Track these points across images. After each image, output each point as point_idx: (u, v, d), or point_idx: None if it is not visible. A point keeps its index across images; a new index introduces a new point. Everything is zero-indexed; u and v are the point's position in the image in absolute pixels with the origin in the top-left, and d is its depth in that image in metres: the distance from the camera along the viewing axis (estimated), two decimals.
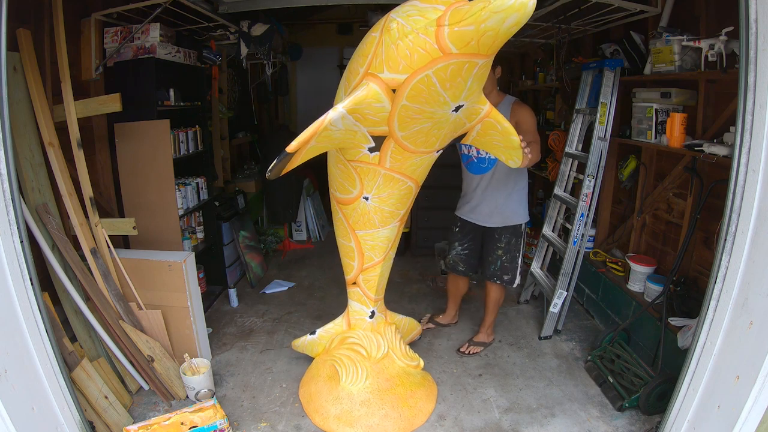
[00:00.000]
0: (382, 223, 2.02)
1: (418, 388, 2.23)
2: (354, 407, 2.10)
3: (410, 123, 1.61)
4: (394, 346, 2.30)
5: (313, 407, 2.16)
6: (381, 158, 1.79)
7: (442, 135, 1.73)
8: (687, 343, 2.00)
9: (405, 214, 2.10)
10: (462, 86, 1.47)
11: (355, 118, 1.59)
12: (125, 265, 2.32)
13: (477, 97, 1.62)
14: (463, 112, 1.63)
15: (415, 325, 2.66)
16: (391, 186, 1.90)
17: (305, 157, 1.66)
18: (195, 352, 2.44)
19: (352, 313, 2.33)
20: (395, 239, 2.15)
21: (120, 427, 1.98)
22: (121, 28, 2.57)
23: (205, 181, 3.20)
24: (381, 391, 2.15)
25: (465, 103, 1.57)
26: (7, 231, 1.53)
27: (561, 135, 3.54)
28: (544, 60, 4.00)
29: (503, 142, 1.86)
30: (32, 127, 2.04)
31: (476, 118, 1.74)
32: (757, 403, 1.41)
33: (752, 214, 1.46)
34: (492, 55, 1.41)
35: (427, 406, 2.20)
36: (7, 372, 1.46)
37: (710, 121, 2.23)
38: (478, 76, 1.46)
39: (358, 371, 2.18)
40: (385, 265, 2.18)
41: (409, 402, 2.16)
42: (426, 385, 2.29)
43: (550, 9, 2.51)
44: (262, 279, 3.73)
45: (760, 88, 1.42)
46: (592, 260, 3.14)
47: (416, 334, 2.72)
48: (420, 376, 2.31)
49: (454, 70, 1.39)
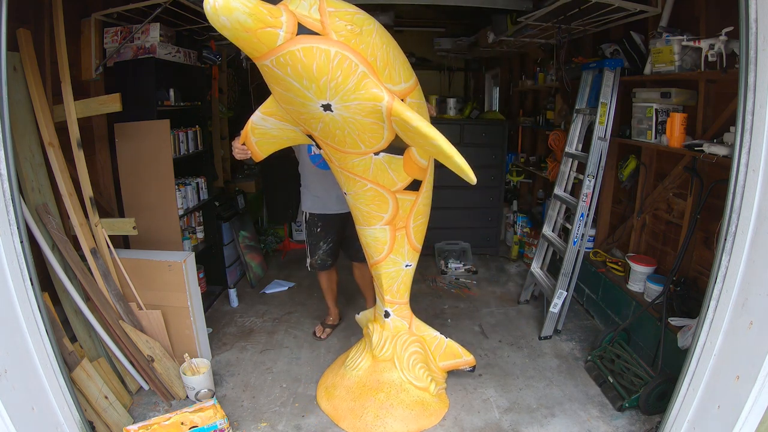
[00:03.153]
0: (366, 221, 2.01)
1: (403, 407, 2.08)
2: (339, 386, 2.22)
3: (304, 121, 1.58)
4: (401, 356, 2.17)
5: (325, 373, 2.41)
6: (325, 156, 1.87)
7: (354, 136, 1.56)
8: (687, 343, 2.00)
9: (395, 219, 1.97)
10: (292, 84, 1.33)
11: (277, 118, 1.74)
12: (125, 265, 2.31)
13: (350, 96, 1.39)
14: (345, 111, 1.44)
15: (455, 351, 2.32)
16: (353, 186, 1.88)
17: (268, 150, 1.95)
18: (195, 352, 2.44)
19: (377, 305, 2.30)
20: (393, 244, 2.04)
21: (120, 427, 1.98)
22: (121, 28, 2.57)
23: (205, 181, 3.20)
24: (364, 387, 2.15)
25: (332, 102, 1.39)
26: (7, 231, 1.53)
27: (561, 135, 3.54)
28: (544, 60, 4.00)
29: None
30: (32, 127, 2.04)
31: (381, 118, 1.48)
32: (757, 403, 1.41)
33: (752, 214, 1.46)
34: (261, 58, 1.25)
35: (397, 427, 2.05)
36: (7, 372, 1.46)
37: (710, 121, 2.23)
38: (296, 74, 1.29)
39: (361, 358, 2.23)
40: (388, 267, 2.11)
41: (380, 413, 2.06)
42: (416, 411, 2.09)
43: (550, 9, 2.51)
44: (262, 279, 3.73)
45: (760, 88, 1.42)
46: (592, 260, 3.14)
47: (462, 363, 2.34)
48: (417, 399, 2.12)
49: (281, 63, 1.26)
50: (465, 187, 2.60)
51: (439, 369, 2.28)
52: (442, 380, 2.29)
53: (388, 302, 2.19)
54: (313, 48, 1.24)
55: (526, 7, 2.81)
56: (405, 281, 2.19)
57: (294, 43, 1.22)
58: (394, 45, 1.50)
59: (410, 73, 1.61)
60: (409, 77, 1.58)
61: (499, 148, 3.97)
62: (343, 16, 1.30)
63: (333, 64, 1.28)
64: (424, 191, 1.98)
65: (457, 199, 4.00)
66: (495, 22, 3.46)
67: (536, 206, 4.39)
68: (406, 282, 2.19)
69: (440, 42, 5.20)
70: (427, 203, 2.06)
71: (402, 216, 1.99)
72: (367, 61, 1.33)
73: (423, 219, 2.08)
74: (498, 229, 4.24)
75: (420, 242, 2.15)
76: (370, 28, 1.36)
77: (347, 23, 1.30)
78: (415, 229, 2.07)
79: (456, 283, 3.67)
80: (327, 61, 1.26)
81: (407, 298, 2.24)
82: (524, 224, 4.11)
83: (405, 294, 2.22)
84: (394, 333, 2.21)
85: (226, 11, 1.07)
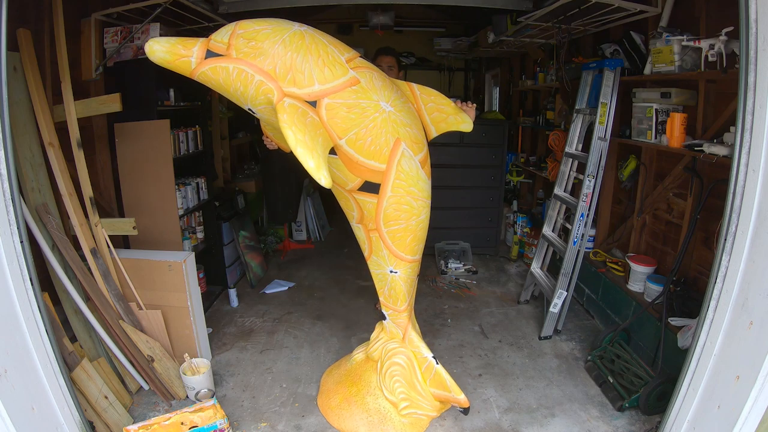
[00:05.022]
0: (348, 217, 2.02)
1: (364, 408, 2.06)
2: (333, 371, 2.38)
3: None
4: (384, 362, 2.11)
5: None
6: None
7: (280, 136, 1.74)
8: (687, 343, 2.00)
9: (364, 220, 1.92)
10: (223, 93, 1.63)
11: None
12: (125, 265, 2.31)
13: (255, 101, 1.58)
14: (262, 114, 1.66)
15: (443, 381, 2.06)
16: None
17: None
18: (195, 352, 2.44)
19: None
20: (371, 245, 1.97)
21: (120, 427, 1.98)
22: (121, 28, 2.57)
23: (205, 181, 3.20)
24: (347, 376, 2.24)
25: (250, 107, 1.63)
26: (7, 231, 1.53)
27: (561, 135, 3.54)
28: (544, 60, 4.00)
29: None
30: (32, 127, 2.04)
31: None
32: (757, 403, 1.41)
33: (752, 214, 1.46)
34: (191, 76, 1.57)
35: (351, 425, 2.04)
36: (7, 372, 1.46)
37: (710, 121, 2.23)
38: (218, 86, 1.59)
39: (360, 350, 2.27)
40: (374, 268, 2.04)
41: (344, 405, 2.09)
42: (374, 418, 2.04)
43: (550, 9, 2.51)
44: (262, 279, 3.73)
45: (760, 88, 1.42)
46: (592, 260, 3.14)
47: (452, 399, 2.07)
48: (381, 408, 2.05)
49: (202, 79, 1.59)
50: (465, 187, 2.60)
51: (426, 394, 2.08)
52: (426, 406, 2.07)
53: (383, 305, 2.13)
54: (217, 67, 1.53)
55: (526, 7, 2.81)
56: (394, 288, 2.03)
57: (203, 65, 1.53)
58: (307, 50, 1.55)
59: (333, 75, 1.57)
60: (326, 80, 1.56)
61: (499, 148, 3.97)
62: (248, 35, 1.53)
63: (233, 76, 1.53)
64: (389, 196, 1.80)
65: (458, 199, 4.00)
66: (495, 22, 3.46)
67: (536, 206, 4.39)
68: (396, 289, 2.02)
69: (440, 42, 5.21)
70: (399, 209, 1.85)
71: (368, 218, 1.90)
72: (263, 70, 1.51)
73: (397, 226, 1.89)
74: (498, 229, 4.24)
75: (404, 251, 1.95)
76: (274, 40, 1.52)
77: (249, 41, 1.52)
78: (390, 235, 1.91)
79: (456, 283, 3.67)
80: (228, 75, 1.53)
81: (403, 307, 2.06)
82: (524, 224, 4.11)
83: (398, 302, 2.06)
84: (388, 337, 2.15)
85: (152, 53, 1.50)
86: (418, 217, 1.91)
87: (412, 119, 1.81)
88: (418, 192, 1.86)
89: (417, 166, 1.82)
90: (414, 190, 1.84)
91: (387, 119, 1.67)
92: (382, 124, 1.66)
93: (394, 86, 1.80)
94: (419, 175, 1.84)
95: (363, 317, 3.09)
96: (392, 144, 1.71)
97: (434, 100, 1.95)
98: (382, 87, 1.68)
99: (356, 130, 1.62)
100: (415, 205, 1.87)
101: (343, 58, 1.61)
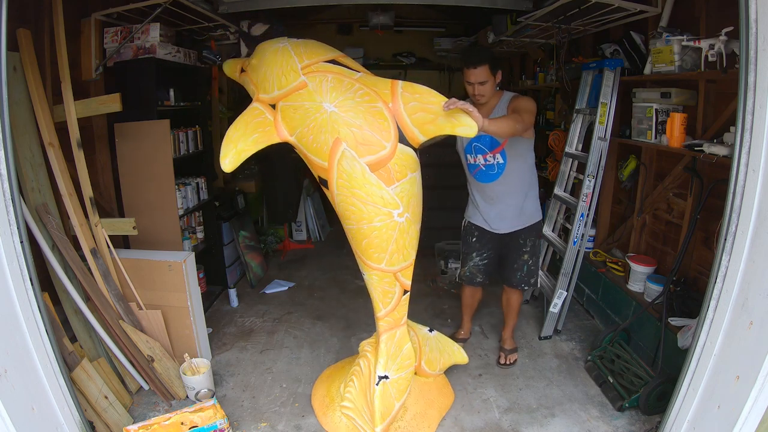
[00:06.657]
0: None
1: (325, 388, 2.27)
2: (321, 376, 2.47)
3: None
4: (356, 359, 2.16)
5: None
6: None
7: None
8: (687, 343, 2.00)
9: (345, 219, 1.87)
10: None
11: None
12: (125, 265, 2.31)
13: None
14: None
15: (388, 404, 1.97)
16: None
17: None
18: (195, 352, 2.44)
19: None
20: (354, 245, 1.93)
21: (120, 427, 1.98)
22: (121, 28, 2.57)
23: (205, 181, 3.20)
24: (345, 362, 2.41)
25: None
26: (7, 231, 1.53)
27: (561, 135, 3.54)
28: (544, 60, 4.00)
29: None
30: (32, 127, 2.04)
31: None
32: (757, 403, 1.41)
33: (752, 214, 1.46)
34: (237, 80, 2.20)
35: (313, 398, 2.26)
36: (7, 372, 1.46)
37: (710, 121, 2.23)
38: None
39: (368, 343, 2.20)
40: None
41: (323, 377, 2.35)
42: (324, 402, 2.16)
43: (550, 9, 2.51)
44: (262, 279, 3.73)
45: (760, 88, 1.42)
46: (592, 260, 3.14)
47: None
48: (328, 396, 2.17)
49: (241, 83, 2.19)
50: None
51: (370, 409, 1.98)
52: (365, 419, 1.99)
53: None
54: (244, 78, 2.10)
55: (526, 7, 2.80)
56: (371, 288, 1.96)
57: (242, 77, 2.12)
58: (274, 63, 1.86)
59: (287, 81, 1.79)
60: (281, 86, 1.81)
61: None
62: (251, 60, 2.04)
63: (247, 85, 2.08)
64: (336, 194, 1.79)
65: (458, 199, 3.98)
66: (495, 22, 3.46)
67: None
68: (370, 292, 1.97)
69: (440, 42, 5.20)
70: (347, 209, 1.80)
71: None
72: (253, 82, 1.97)
73: (349, 225, 1.85)
74: None
75: (364, 255, 1.87)
76: (254, 62, 1.98)
77: (249, 63, 2.05)
78: (349, 234, 1.89)
79: (456, 283, 3.66)
80: (246, 83, 2.08)
81: (379, 314, 1.98)
82: None
83: (375, 306, 1.99)
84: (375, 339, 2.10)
85: (225, 70, 2.26)
86: (370, 223, 1.79)
87: (365, 121, 1.72)
88: (366, 197, 1.75)
89: (362, 168, 1.72)
90: (360, 193, 1.75)
91: (328, 119, 1.73)
92: (322, 124, 1.73)
93: (355, 88, 1.75)
94: (366, 178, 1.73)
95: (363, 317, 3.08)
96: (332, 143, 1.73)
97: (419, 99, 1.74)
98: (332, 89, 1.75)
99: (301, 129, 1.78)
100: (365, 209, 1.77)
101: (299, 65, 1.79)
